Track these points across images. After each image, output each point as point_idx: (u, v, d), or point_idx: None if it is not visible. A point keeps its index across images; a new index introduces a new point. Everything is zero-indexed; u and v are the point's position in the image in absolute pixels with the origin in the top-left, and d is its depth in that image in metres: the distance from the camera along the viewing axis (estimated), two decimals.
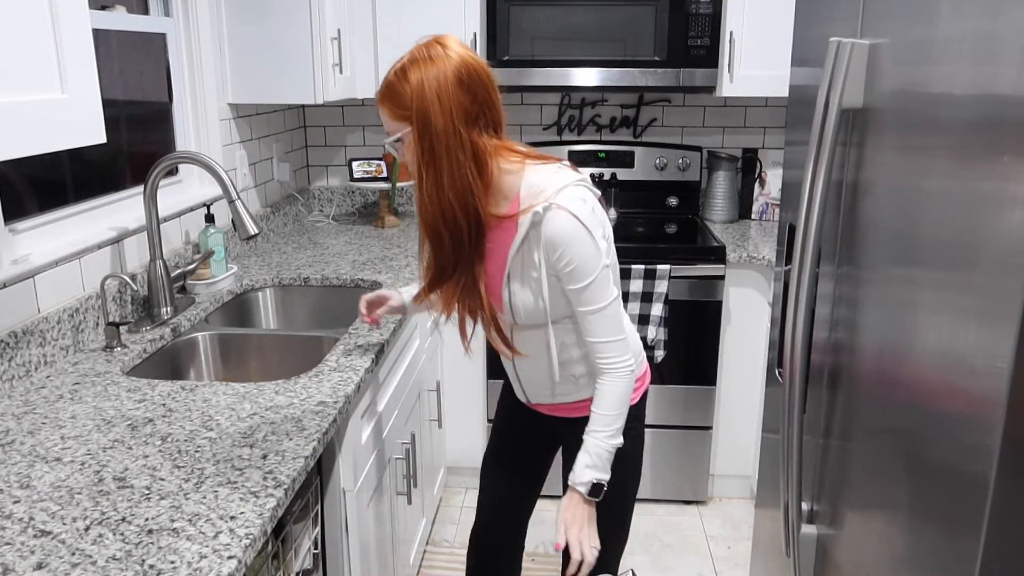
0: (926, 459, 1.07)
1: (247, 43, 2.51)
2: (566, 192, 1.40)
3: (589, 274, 1.41)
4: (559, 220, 1.38)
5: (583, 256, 1.40)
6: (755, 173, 3.18)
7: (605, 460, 1.49)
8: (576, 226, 1.38)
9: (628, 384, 1.48)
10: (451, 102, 1.37)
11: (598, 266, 1.41)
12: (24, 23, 1.08)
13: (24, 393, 1.57)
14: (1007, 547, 0.92)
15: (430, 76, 1.37)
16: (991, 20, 0.92)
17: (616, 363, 1.47)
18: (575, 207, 1.39)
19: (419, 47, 1.40)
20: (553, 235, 1.39)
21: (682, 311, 2.74)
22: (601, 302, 1.43)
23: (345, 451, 1.65)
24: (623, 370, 1.47)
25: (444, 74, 1.37)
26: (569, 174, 1.45)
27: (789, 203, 1.73)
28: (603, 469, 1.49)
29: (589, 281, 1.41)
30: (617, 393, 1.48)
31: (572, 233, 1.38)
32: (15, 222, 1.72)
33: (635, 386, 1.59)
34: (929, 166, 1.07)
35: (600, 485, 1.49)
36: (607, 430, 1.48)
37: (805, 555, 1.52)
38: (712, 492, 3.01)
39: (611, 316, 1.45)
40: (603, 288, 1.43)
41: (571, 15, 2.77)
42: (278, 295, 2.41)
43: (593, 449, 1.48)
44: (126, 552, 1.06)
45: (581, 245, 1.39)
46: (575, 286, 1.42)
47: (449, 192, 1.40)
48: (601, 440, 1.48)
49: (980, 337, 0.93)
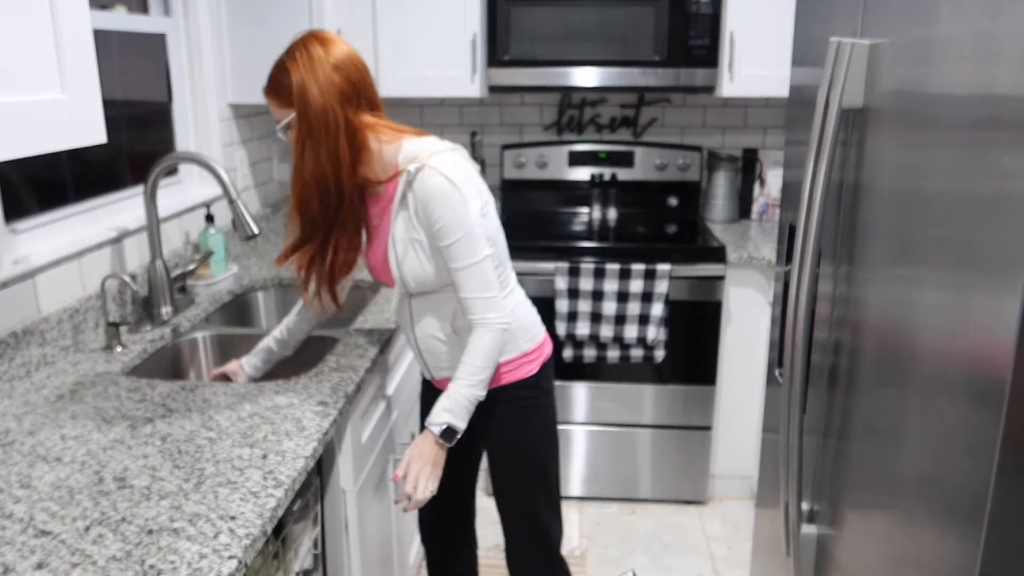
0: (926, 459, 1.07)
1: (247, 43, 2.51)
2: (439, 156, 1.52)
3: (458, 230, 1.49)
4: (430, 179, 1.49)
5: (452, 212, 1.49)
6: (755, 173, 3.18)
7: (463, 408, 1.54)
8: (446, 184, 1.48)
9: (497, 340, 1.55)
10: (328, 84, 1.50)
11: (467, 222, 1.49)
12: (24, 23, 1.08)
13: (24, 393, 1.57)
14: (1007, 547, 0.92)
15: (308, 64, 1.50)
16: (991, 20, 0.92)
17: (485, 318, 1.54)
18: (446, 168, 1.50)
19: (296, 41, 1.54)
20: (425, 194, 1.49)
21: (682, 311, 2.74)
22: (470, 258, 1.51)
23: (345, 451, 1.65)
24: (494, 325, 1.54)
25: (320, 61, 1.50)
26: (444, 143, 1.57)
27: (789, 203, 1.73)
28: (459, 416, 1.54)
29: (458, 237, 1.50)
30: (485, 346, 1.54)
31: (441, 191, 1.48)
32: (15, 222, 1.72)
33: (532, 357, 1.69)
34: (929, 166, 1.07)
35: (454, 431, 1.55)
36: (470, 379, 1.54)
37: (805, 555, 1.52)
38: (712, 492, 3.01)
39: (480, 272, 1.52)
40: (472, 244, 1.51)
41: (571, 15, 2.77)
42: (278, 295, 2.41)
43: (454, 394, 1.54)
44: (126, 552, 1.06)
45: (449, 202, 1.48)
46: (445, 242, 1.51)
47: (325, 163, 1.52)
48: (463, 388, 1.54)
49: (980, 337, 0.93)
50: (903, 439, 1.14)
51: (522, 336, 1.67)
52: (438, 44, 2.84)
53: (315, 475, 1.59)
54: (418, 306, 1.65)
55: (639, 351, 2.74)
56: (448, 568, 1.99)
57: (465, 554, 2.00)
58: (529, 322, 1.70)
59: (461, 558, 1.99)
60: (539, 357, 1.71)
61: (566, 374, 2.84)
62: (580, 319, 2.70)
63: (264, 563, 1.33)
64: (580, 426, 2.89)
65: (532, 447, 1.73)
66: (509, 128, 3.33)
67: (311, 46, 1.51)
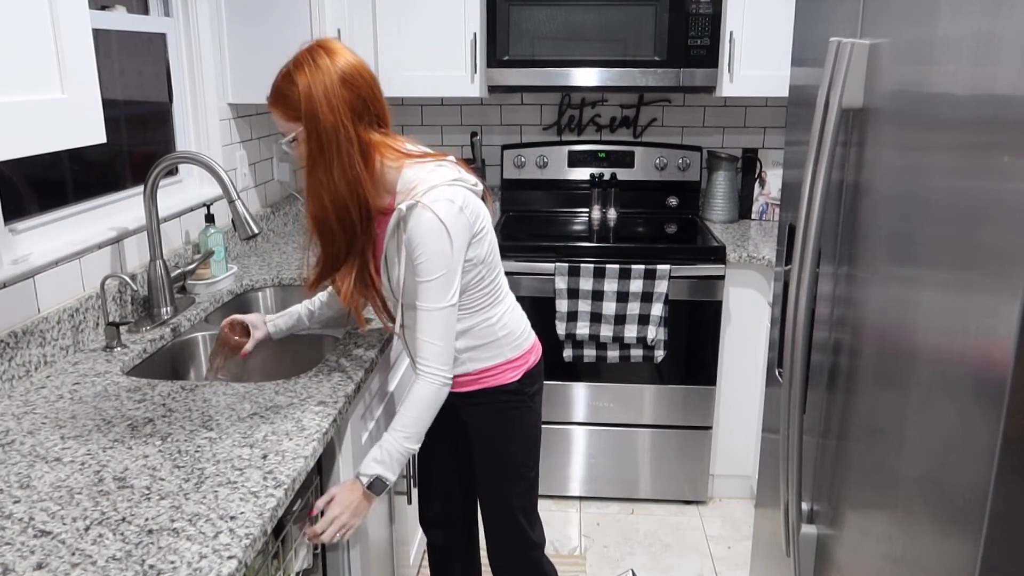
0: (926, 459, 1.07)
1: (247, 43, 2.51)
2: (434, 192, 1.48)
3: (432, 273, 1.48)
4: (421, 219, 1.47)
5: (433, 254, 1.47)
6: (755, 173, 3.18)
7: (395, 459, 1.52)
8: (436, 225, 1.46)
9: (437, 395, 1.54)
10: (337, 100, 1.46)
11: (447, 266, 1.48)
12: (24, 23, 1.08)
13: (24, 393, 1.57)
14: (1007, 547, 0.92)
15: (315, 77, 1.46)
16: (991, 20, 0.92)
17: (428, 367, 1.53)
18: (439, 207, 1.47)
19: (302, 52, 1.50)
20: (412, 231, 1.48)
21: (682, 311, 2.74)
22: (434, 303, 1.50)
23: (345, 451, 1.65)
24: (433, 377, 1.53)
25: (328, 73, 1.46)
26: (445, 173, 1.53)
27: (789, 203, 1.73)
28: (390, 468, 1.52)
29: (430, 279, 1.49)
30: (424, 398, 1.53)
31: (429, 231, 1.46)
32: (15, 222, 1.72)
33: (515, 364, 1.69)
34: (929, 166, 1.07)
35: (383, 483, 1.52)
36: (404, 431, 1.53)
37: (805, 555, 1.52)
38: (712, 492, 3.01)
39: (441, 320, 1.51)
40: (443, 289, 1.50)
41: (571, 15, 2.77)
42: (278, 295, 2.41)
43: (386, 445, 1.53)
44: (126, 552, 1.06)
45: (434, 243, 1.47)
46: (420, 278, 1.50)
47: (340, 183, 1.48)
48: (395, 439, 1.53)
49: (980, 337, 0.93)
50: (903, 439, 1.14)
51: (508, 344, 1.68)
52: (438, 44, 2.84)
53: (315, 475, 1.59)
54: (409, 314, 1.64)
55: (639, 351, 2.74)
56: (451, 570, 1.99)
57: (468, 556, 2.00)
58: (517, 330, 1.70)
59: (464, 560, 2.00)
60: (523, 364, 1.71)
61: (566, 374, 2.84)
62: (580, 319, 2.70)
63: (264, 563, 1.33)
64: (580, 426, 2.89)
65: (511, 449, 1.74)
66: (509, 128, 3.33)
67: (318, 56, 1.48)
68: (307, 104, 1.46)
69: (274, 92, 1.52)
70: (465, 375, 1.69)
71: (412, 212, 1.47)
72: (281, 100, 1.50)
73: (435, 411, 1.56)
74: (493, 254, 1.63)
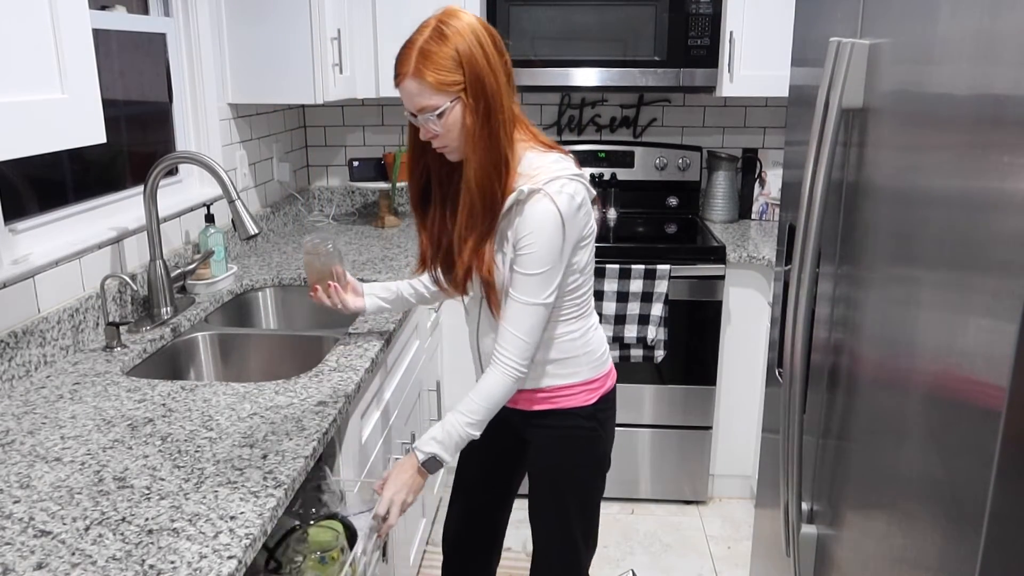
0: (926, 459, 1.07)
1: (247, 43, 2.51)
2: (557, 183, 1.40)
3: (538, 266, 1.41)
4: (540, 207, 1.39)
5: (543, 246, 1.40)
6: (755, 173, 3.18)
7: (454, 442, 1.46)
8: (554, 217, 1.39)
9: (508, 387, 1.46)
10: (495, 61, 1.36)
11: (550, 264, 1.41)
12: (24, 23, 1.08)
13: (24, 393, 1.57)
14: (1007, 547, 0.92)
15: (469, 37, 1.34)
16: (991, 20, 0.92)
17: (508, 359, 1.45)
18: (561, 200, 1.39)
19: (435, 17, 1.38)
20: (528, 217, 1.39)
21: (682, 311, 2.74)
22: (531, 297, 1.43)
23: (345, 451, 1.65)
24: (511, 370, 1.45)
25: (478, 34, 1.35)
26: (567, 166, 1.44)
27: (789, 203, 1.73)
28: (448, 450, 1.46)
29: (534, 272, 1.41)
30: (494, 390, 1.46)
31: (545, 222, 1.39)
32: (15, 222, 1.72)
33: (593, 386, 1.58)
34: (929, 166, 1.07)
35: (438, 462, 1.46)
36: (469, 416, 1.46)
37: (805, 555, 1.52)
38: (712, 492, 3.01)
39: (533, 316, 1.44)
40: (544, 285, 1.42)
41: (571, 15, 2.77)
42: (278, 295, 2.41)
43: (448, 426, 1.46)
44: (126, 552, 1.06)
45: (548, 236, 1.39)
46: (521, 270, 1.42)
47: (494, 155, 1.39)
48: (459, 421, 1.46)
49: (980, 337, 0.93)
50: (903, 439, 1.14)
51: (587, 362, 1.57)
52: None
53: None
54: (486, 311, 1.56)
55: (639, 351, 2.74)
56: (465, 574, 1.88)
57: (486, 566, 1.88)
58: (598, 349, 1.60)
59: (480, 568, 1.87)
60: (600, 388, 1.60)
61: None
62: None
63: None
64: None
65: (576, 477, 1.61)
66: None
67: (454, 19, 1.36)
68: (470, 64, 1.34)
69: (421, 56, 1.35)
70: (538, 391, 1.57)
71: (532, 197, 1.39)
72: (433, 63, 1.34)
73: (501, 404, 1.48)
74: (591, 264, 1.54)
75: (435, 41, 1.35)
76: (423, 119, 1.40)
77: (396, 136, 3.35)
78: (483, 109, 1.36)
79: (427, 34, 1.36)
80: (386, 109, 3.31)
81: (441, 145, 1.44)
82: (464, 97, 1.37)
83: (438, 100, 1.37)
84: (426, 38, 1.36)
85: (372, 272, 2.44)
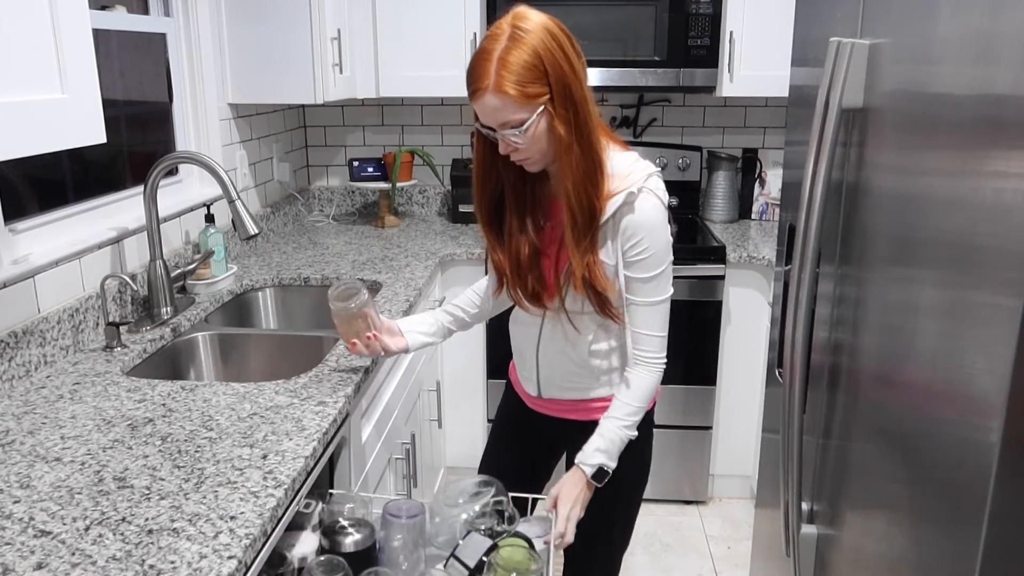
0: (926, 459, 1.07)
1: (247, 43, 2.51)
2: (653, 180, 1.40)
3: (660, 264, 1.41)
4: (648, 204, 1.37)
5: (660, 245, 1.40)
6: (755, 173, 3.18)
7: (616, 448, 1.47)
8: (662, 213, 1.39)
9: (657, 381, 1.49)
10: (577, 63, 1.28)
11: (669, 257, 1.42)
12: (24, 23, 1.08)
13: (24, 393, 1.57)
14: (1007, 547, 0.92)
15: (549, 40, 1.25)
16: (991, 20, 0.92)
17: (654, 358, 1.47)
18: (663, 195, 1.40)
19: (507, 22, 1.27)
20: (640, 218, 1.37)
21: (682, 311, 2.74)
22: (660, 295, 1.43)
23: (345, 451, 1.65)
24: (657, 365, 1.47)
25: (556, 35, 1.26)
26: (650, 164, 1.44)
27: (789, 203, 1.73)
28: (612, 456, 1.47)
29: (658, 272, 1.41)
30: (646, 386, 1.47)
31: (658, 220, 1.39)
32: (15, 222, 1.72)
33: None
34: (929, 166, 1.07)
35: (605, 472, 1.46)
36: (627, 420, 1.47)
37: (805, 555, 1.52)
38: (712, 492, 3.01)
39: (664, 311, 1.45)
40: (666, 281, 1.43)
41: (571, 15, 2.75)
42: (278, 295, 2.41)
43: (608, 434, 1.46)
44: (126, 552, 1.06)
45: (661, 234, 1.40)
46: (643, 275, 1.40)
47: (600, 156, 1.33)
48: (618, 427, 1.46)
49: (980, 337, 0.93)
50: (903, 439, 1.14)
51: None
52: (438, 44, 2.83)
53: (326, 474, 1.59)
54: (551, 321, 1.52)
55: None
56: None
57: None
58: None
59: None
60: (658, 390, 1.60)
61: None
62: None
63: None
64: None
65: (628, 479, 1.60)
66: None
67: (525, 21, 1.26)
68: (555, 70, 1.25)
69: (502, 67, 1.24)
70: (595, 400, 1.56)
71: (641, 196, 1.36)
72: (518, 72, 1.23)
73: (652, 398, 1.50)
74: None
75: (515, 49, 1.24)
76: (505, 134, 1.30)
77: (396, 136, 3.35)
78: (573, 117, 1.29)
79: (504, 42, 1.25)
80: (386, 109, 3.31)
81: (523, 158, 1.35)
82: (550, 107, 1.28)
83: (523, 114, 1.27)
84: (504, 46, 1.24)
85: (372, 272, 2.44)
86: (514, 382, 1.74)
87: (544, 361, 1.59)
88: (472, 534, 1.32)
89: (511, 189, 1.46)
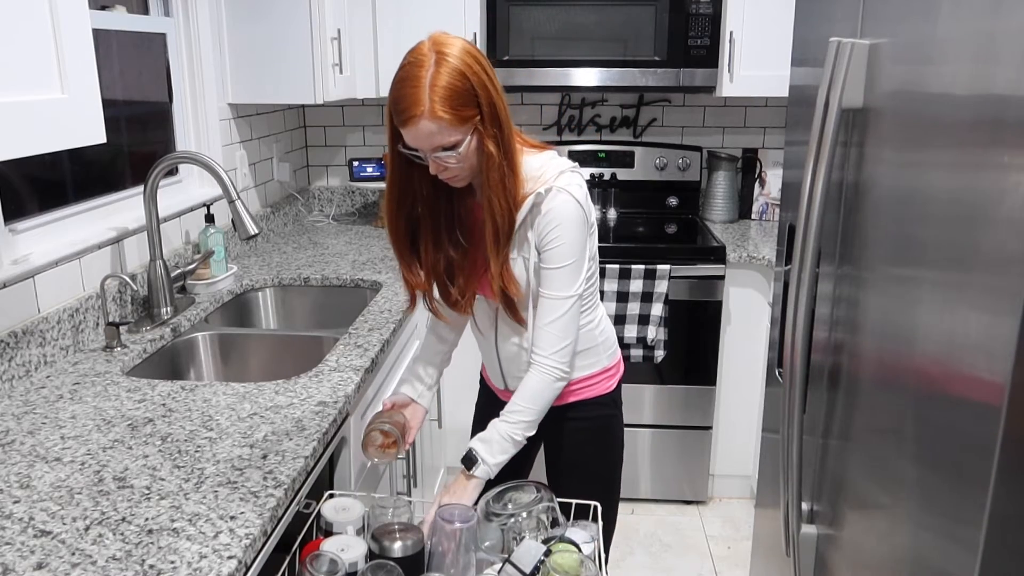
0: (926, 459, 1.07)
1: (247, 43, 2.51)
2: (565, 177, 1.42)
3: (566, 259, 1.42)
4: (560, 199, 1.40)
5: (570, 238, 1.41)
6: (755, 173, 3.18)
7: (498, 441, 1.43)
8: (575, 208, 1.41)
9: (549, 389, 1.46)
10: (496, 81, 1.34)
11: (578, 255, 1.42)
12: (24, 23, 1.08)
13: (24, 393, 1.57)
14: (1007, 547, 0.92)
15: (472, 63, 1.30)
16: (991, 20, 0.92)
17: (550, 363, 1.44)
18: (575, 191, 1.41)
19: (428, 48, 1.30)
20: (552, 214, 1.40)
21: (682, 311, 2.74)
22: (563, 291, 1.43)
23: (345, 451, 1.65)
24: (553, 371, 1.45)
25: (476, 57, 1.32)
26: (564, 160, 1.47)
27: (789, 203, 1.73)
28: (491, 450, 1.42)
29: (562, 265, 1.42)
30: (536, 390, 1.45)
31: (571, 214, 1.40)
32: (15, 222, 1.72)
33: (611, 373, 1.63)
34: (929, 166, 1.07)
35: (472, 458, 1.42)
36: (511, 418, 1.44)
37: (805, 555, 1.52)
38: (712, 492, 3.01)
39: (570, 317, 1.44)
40: (574, 276, 1.43)
41: (571, 15, 2.77)
42: (278, 295, 2.41)
43: (491, 427, 1.44)
44: (126, 552, 1.06)
45: (573, 228, 1.41)
46: (549, 265, 1.42)
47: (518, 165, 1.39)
48: (501, 423, 1.44)
49: (980, 337, 0.93)
50: (903, 439, 1.14)
51: (604, 351, 1.61)
52: None
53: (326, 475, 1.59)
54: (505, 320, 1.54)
55: (639, 351, 2.74)
56: None
57: None
58: (611, 336, 1.64)
59: None
60: (616, 373, 1.65)
61: None
62: None
63: None
64: None
65: (603, 463, 1.66)
66: None
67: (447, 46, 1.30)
68: (485, 95, 1.31)
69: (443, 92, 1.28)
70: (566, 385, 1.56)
71: (549, 195, 1.39)
72: (453, 98, 1.28)
73: (547, 404, 1.47)
74: (596, 257, 1.55)
75: (443, 73, 1.27)
76: (439, 155, 1.34)
77: None
78: (499, 134, 1.35)
79: (431, 67, 1.28)
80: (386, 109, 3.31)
81: (451, 176, 1.39)
82: (481, 127, 1.33)
83: (457, 136, 1.31)
84: (433, 72, 1.28)
85: (372, 272, 2.44)
86: (486, 378, 1.77)
87: (504, 355, 1.61)
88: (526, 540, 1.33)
89: (426, 206, 1.48)
